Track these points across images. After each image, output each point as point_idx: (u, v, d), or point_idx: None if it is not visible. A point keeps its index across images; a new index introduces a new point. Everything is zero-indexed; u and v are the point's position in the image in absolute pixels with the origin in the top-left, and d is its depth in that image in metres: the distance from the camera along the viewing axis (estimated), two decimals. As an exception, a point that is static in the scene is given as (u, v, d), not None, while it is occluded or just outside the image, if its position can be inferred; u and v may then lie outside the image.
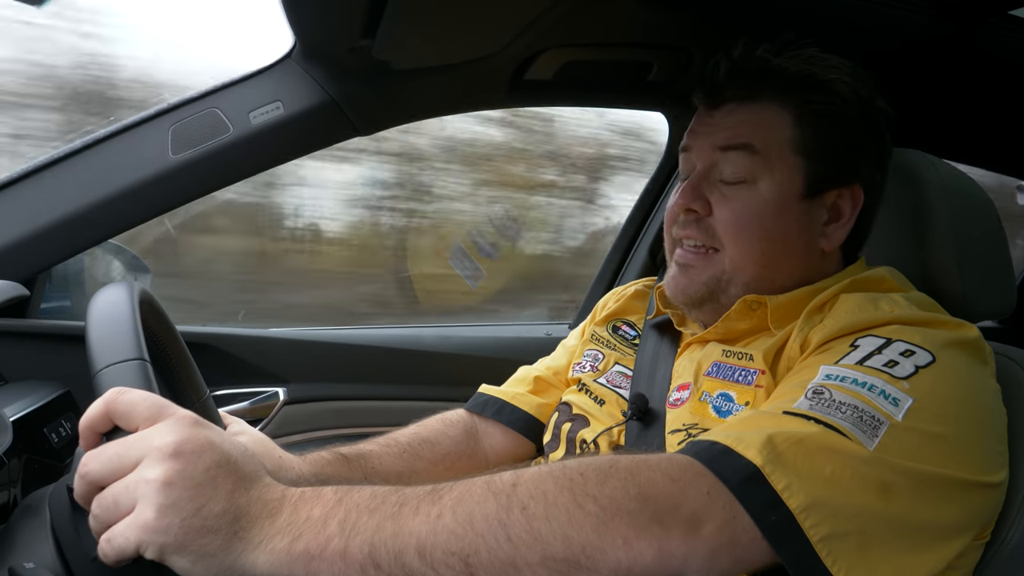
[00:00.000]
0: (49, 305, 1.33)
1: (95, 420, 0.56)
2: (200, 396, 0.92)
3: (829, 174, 0.86)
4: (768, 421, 0.64)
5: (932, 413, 0.64)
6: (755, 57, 0.88)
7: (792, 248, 0.87)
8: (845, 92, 0.86)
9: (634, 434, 0.91)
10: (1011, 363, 0.83)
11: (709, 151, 0.89)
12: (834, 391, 0.65)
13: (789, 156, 0.86)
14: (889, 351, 0.69)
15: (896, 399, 0.64)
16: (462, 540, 0.52)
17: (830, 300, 0.82)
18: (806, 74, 0.86)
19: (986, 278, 0.92)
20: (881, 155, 0.90)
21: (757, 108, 0.87)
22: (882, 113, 0.88)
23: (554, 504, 0.53)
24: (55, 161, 1.14)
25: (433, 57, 1.19)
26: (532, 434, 1.10)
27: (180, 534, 0.50)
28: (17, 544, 0.73)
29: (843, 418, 0.62)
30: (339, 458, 0.98)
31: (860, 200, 0.87)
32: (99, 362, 0.61)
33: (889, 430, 0.61)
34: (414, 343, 1.63)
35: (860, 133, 0.87)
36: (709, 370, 0.86)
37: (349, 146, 2.04)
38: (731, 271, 0.87)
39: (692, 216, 0.89)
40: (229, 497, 0.52)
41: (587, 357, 1.08)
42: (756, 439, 0.60)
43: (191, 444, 0.52)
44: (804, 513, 0.56)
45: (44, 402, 1.04)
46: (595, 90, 1.40)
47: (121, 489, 0.51)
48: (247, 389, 1.43)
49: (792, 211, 0.86)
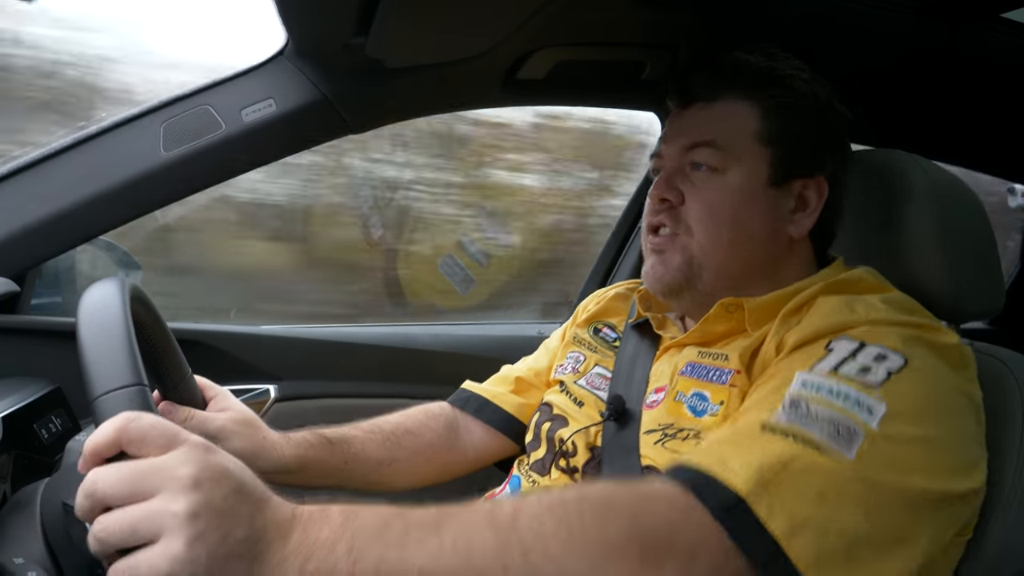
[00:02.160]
0: (40, 301, 1.33)
1: (103, 445, 0.55)
2: (183, 375, 0.92)
3: (795, 163, 0.89)
4: (750, 441, 0.65)
5: (905, 419, 0.65)
6: (721, 55, 0.92)
7: (758, 233, 0.89)
8: (804, 89, 0.90)
9: (610, 434, 0.92)
10: (998, 363, 0.84)
11: (678, 153, 0.92)
12: (810, 404, 0.66)
13: (755, 147, 0.89)
14: (863, 356, 0.70)
15: (870, 408, 0.65)
16: (462, 574, 0.53)
17: (807, 302, 0.83)
18: (768, 69, 0.90)
19: (974, 278, 0.93)
20: (843, 154, 0.93)
21: (724, 104, 0.91)
22: (840, 114, 0.92)
23: (552, 553, 0.55)
24: (46, 157, 1.14)
25: (426, 55, 1.19)
26: (512, 433, 1.12)
27: (208, 563, 0.50)
28: (7, 539, 0.73)
29: (820, 432, 0.63)
30: (323, 441, 1.00)
31: (825, 191, 0.90)
32: (99, 387, 0.60)
33: (865, 440, 0.63)
34: (406, 341, 1.63)
35: (822, 128, 0.91)
36: (683, 370, 0.88)
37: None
38: (700, 255, 0.90)
39: (665, 206, 0.92)
40: (249, 523, 0.53)
41: (569, 359, 1.10)
42: (740, 466, 0.61)
43: (209, 472, 0.52)
44: (787, 540, 0.58)
45: (34, 398, 1.04)
46: (587, 89, 1.41)
47: (141, 516, 0.51)
48: (238, 386, 1.42)
49: (759, 198, 0.89)
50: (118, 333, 0.64)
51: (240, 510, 0.53)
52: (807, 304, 0.82)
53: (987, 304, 0.94)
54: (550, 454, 0.98)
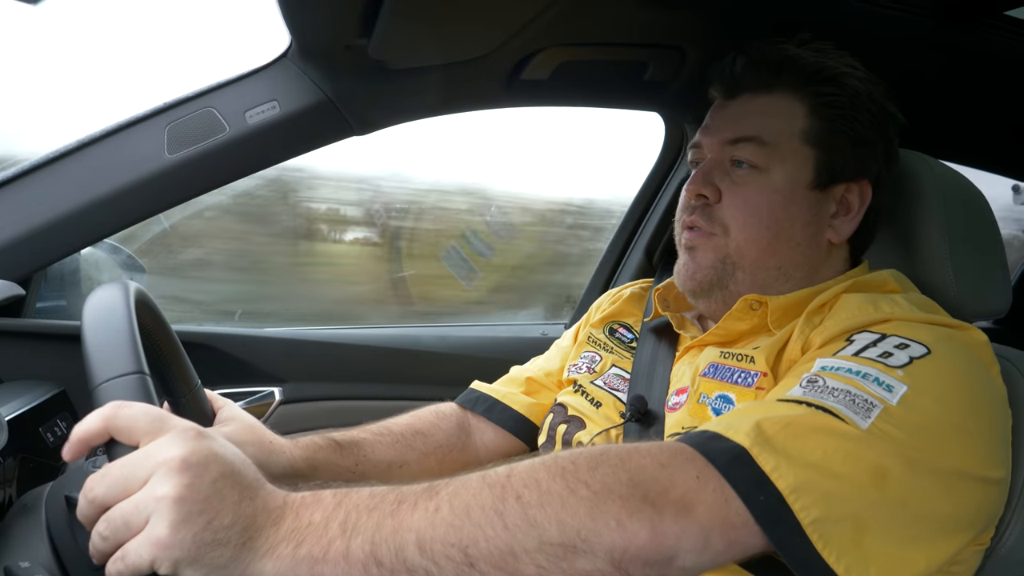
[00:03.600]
0: (45, 304, 1.33)
1: (91, 433, 0.55)
2: (191, 387, 0.92)
3: (839, 167, 0.87)
4: (759, 408, 0.64)
5: (929, 399, 0.64)
6: (773, 48, 0.89)
7: (797, 237, 0.87)
8: (858, 88, 0.87)
9: (633, 436, 0.90)
10: (1006, 363, 0.84)
11: (719, 146, 0.90)
12: (827, 378, 0.65)
13: (800, 146, 0.87)
14: (884, 344, 0.69)
15: (890, 386, 0.64)
16: (460, 531, 0.53)
17: (831, 300, 0.82)
18: (821, 66, 0.87)
19: (982, 278, 0.93)
20: (889, 156, 0.91)
21: (771, 99, 0.89)
22: (893, 117, 0.90)
23: (547, 491, 0.54)
24: (51, 160, 1.14)
25: (429, 56, 1.19)
26: (523, 434, 1.11)
27: (193, 548, 0.50)
28: (12, 543, 0.73)
29: (835, 401, 0.62)
30: (331, 444, 0.99)
31: (868, 196, 0.88)
32: (98, 376, 0.60)
33: (882, 413, 0.61)
34: (410, 343, 1.63)
35: (871, 131, 0.88)
36: (705, 371, 0.86)
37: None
38: (735, 255, 0.88)
39: (701, 202, 0.90)
40: (236, 508, 0.52)
41: (584, 359, 1.08)
42: (745, 424, 0.60)
43: (196, 456, 0.52)
44: (794, 494, 0.56)
45: (39, 401, 1.04)
46: (591, 90, 1.40)
47: (131, 508, 0.51)
48: (243, 389, 1.43)
49: (801, 201, 0.87)
50: (119, 324, 0.64)
51: (228, 495, 0.52)
52: (830, 302, 0.81)
53: (995, 304, 0.94)
54: None
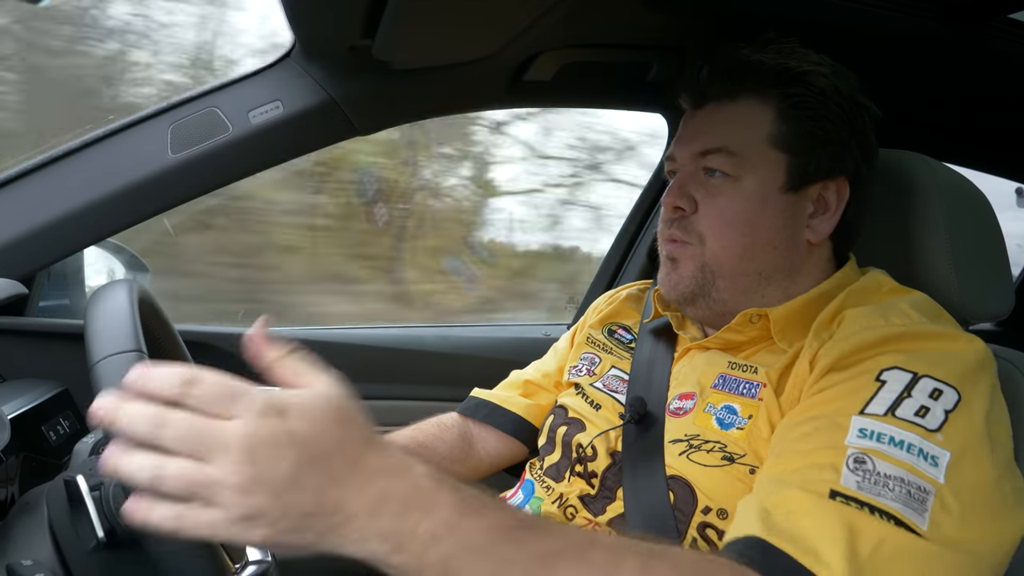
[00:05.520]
0: (48, 303, 1.34)
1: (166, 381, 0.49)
2: None
3: (811, 168, 0.87)
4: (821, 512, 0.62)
5: (967, 463, 0.65)
6: (734, 55, 0.89)
7: (775, 240, 0.87)
8: (824, 85, 0.86)
9: (631, 437, 0.90)
10: (1008, 365, 0.84)
11: (691, 157, 0.90)
12: (877, 460, 0.64)
13: (769, 151, 0.87)
14: (918, 392, 0.68)
15: (935, 458, 0.64)
16: None
17: (836, 315, 0.81)
18: (784, 68, 0.87)
19: (983, 280, 0.92)
20: (865, 150, 0.89)
21: (736, 107, 0.88)
22: (864, 108, 0.89)
23: None
24: (54, 159, 1.14)
25: (432, 57, 1.19)
26: (524, 436, 1.11)
27: (266, 536, 0.48)
28: (15, 541, 0.73)
29: (892, 498, 0.61)
30: None
31: (846, 193, 0.88)
32: (97, 353, 0.61)
33: (936, 501, 0.62)
34: (413, 343, 1.63)
35: (842, 127, 0.87)
36: (716, 383, 0.87)
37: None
38: (713, 263, 0.88)
39: (678, 214, 0.90)
40: (319, 496, 0.49)
41: (583, 360, 1.08)
42: (832, 551, 0.58)
43: (269, 444, 0.48)
44: None
45: (42, 400, 1.04)
46: (594, 91, 1.40)
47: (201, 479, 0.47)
48: (245, 388, 1.43)
49: (774, 205, 0.87)
50: (120, 307, 0.64)
51: (306, 482, 0.48)
52: (838, 317, 0.81)
53: (998, 305, 0.94)
54: (566, 459, 0.97)
